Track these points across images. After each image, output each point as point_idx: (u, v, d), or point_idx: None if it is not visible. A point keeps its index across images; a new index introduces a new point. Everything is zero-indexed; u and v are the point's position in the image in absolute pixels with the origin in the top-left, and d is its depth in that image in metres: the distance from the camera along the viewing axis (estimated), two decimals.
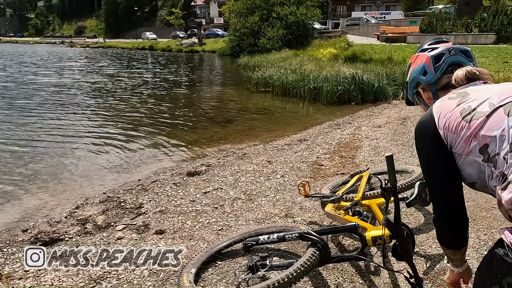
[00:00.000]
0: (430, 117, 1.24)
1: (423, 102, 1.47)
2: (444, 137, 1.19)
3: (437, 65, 1.37)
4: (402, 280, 2.18)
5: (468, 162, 1.14)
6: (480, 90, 1.21)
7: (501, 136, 1.04)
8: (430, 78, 1.38)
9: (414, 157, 4.44)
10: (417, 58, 1.45)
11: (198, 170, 4.38)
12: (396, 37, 21.31)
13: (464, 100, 1.18)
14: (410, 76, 1.47)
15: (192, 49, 38.83)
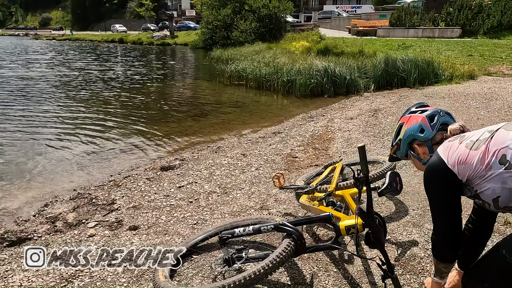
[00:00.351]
0: (439, 160, 1.44)
1: (416, 157, 1.67)
2: (457, 172, 1.38)
3: (432, 124, 1.61)
4: (375, 267, 2.25)
5: (489, 178, 1.31)
6: (472, 132, 1.46)
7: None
8: (428, 135, 1.60)
9: (385, 148, 4.55)
10: (411, 118, 1.67)
11: (172, 164, 4.32)
12: (367, 30, 21.67)
13: (464, 139, 1.42)
14: (405, 134, 1.66)
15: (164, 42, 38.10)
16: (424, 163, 1.61)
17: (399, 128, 1.71)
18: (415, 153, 1.66)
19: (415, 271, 2.25)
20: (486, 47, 13.14)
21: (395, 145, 1.74)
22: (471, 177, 1.36)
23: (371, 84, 9.40)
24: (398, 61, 9.42)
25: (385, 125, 5.54)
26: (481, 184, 1.34)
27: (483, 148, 1.33)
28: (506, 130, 1.34)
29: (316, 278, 2.23)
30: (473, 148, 1.36)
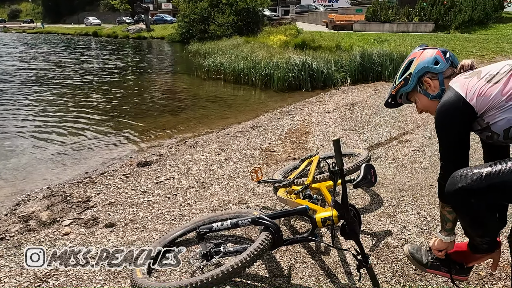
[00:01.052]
0: (456, 95, 1.43)
1: (423, 93, 1.64)
2: (475, 105, 1.39)
3: (446, 57, 1.60)
4: (350, 258, 2.30)
5: (507, 108, 1.34)
6: (488, 66, 1.45)
7: None
8: (443, 67, 1.58)
9: (361, 141, 4.64)
10: (424, 53, 1.63)
11: (149, 160, 4.28)
12: (343, 24, 21.90)
13: (482, 75, 1.42)
14: (417, 67, 1.61)
15: (140, 36, 37.34)
16: (433, 97, 1.61)
17: (409, 63, 1.67)
18: (423, 88, 1.63)
19: (389, 260, 2.32)
20: (457, 41, 13.51)
21: (401, 81, 1.68)
22: (487, 109, 1.38)
23: (347, 78, 9.53)
24: (373, 55, 9.58)
25: (361, 119, 5.63)
26: (497, 115, 1.37)
27: (504, 80, 1.36)
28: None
29: (294, 269, 2.27)
30: (494, 81, 1.38)
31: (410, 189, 3.28)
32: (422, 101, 1.67)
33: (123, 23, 49.61)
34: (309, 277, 2.20)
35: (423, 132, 4.85)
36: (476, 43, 13.00)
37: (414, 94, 1.68)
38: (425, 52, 1.64)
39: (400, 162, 3.89)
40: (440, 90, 1.58)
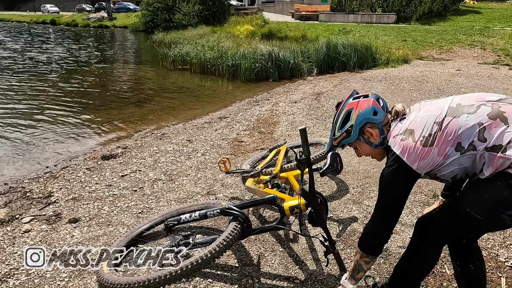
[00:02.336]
0: (400, 163, 1.49)
1: (366, 142, 1.69)
2: (416, 168, 1.47)
3: (381, 106, 1.66)
4: (318, 244, 2.35)
5: (448, 164, 1.44)
6: (417, 123, 1.50)
7: (467, 130, 1.38)
8: (382, 116, 1.64)
9: (327, 130, 4.72)
10: (360, 103, 1.67)
11: (114, 153, 4.16)
12: (309, 15, 22.07)
13: (416, 137, 1.47)
14: (357, 119, 1.65)
15: (101, 24, 35.90)
16: (376, 145, 1.66)
17: (346, 115, 1.69)
18: (365, 138, 1.68)
19: (355, 245, 2.39)
20: (418, 32, 13.96)
21: (344, 132, 1.70)
22: (431, 169, 1.48)
23: (314, 68, 9.63)
24: (339, 46, 9.72)
25: (327, 108, 5.72)
26: (442, 170, 1.48)
27: (436, 142, 1.42)
28: (454, 118, 1.42)
29: (263, 258, 2.29)
30: (429, 144, 1.44)
31: (375, 176, 3.38)
32: (364, 149, 1.73)
33: (83, 11, 47.54)
34: (278, 264, 2.23)
35: None
36: (435, 34, 13.47)
37: (356, 143, 1.73)
38: (361, 102, 1.66)
39: None
40: (382, 138, 1.64)
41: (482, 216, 1.38)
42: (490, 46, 10.98)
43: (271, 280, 2.11)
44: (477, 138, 1.38)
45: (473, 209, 1.40)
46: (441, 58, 10.04)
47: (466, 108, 1.43)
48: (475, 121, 1.39)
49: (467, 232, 1.57)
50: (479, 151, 1.38)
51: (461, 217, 1.46)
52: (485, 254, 2.32)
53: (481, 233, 1.57)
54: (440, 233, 1.56)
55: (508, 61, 8.97)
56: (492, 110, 1.39)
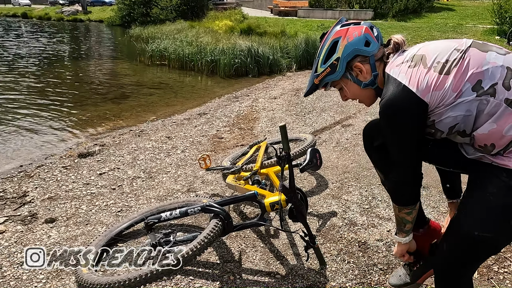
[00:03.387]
0: (406, 92, 1.21)
1: (354, 80, 1.39)
2: (429, 101, 1.19)
3: (375, 35, 1.36)
4: (298, 239, 2.38)
5: (455, 105, 1.17)
6: (430, 48, 1.25)
7: (494, 68, 1.13)
8: (375, 48, 1.35)
9: (306, 125, 4.77)
10: (349, 31, 1.35)
11: (91, 150, 4.08)
12: (288, 11, 22.11)
13: (429, 63, 1.20)
14: (345, 50, 1.34)
15: (76, 18, 34.91)
16: (365, 85, 1.38)
17: (332, 45, 1.37)
18: (354, 74, 1.38)
19: (335, 240, 2.44)
20: (395, 29, 14.21)
21: (328, 67, 1.39)
22: (437, 105, 1.20)
23: (293, 64, 9.69)
24: (317, 42, 9.76)
25: (307, 104, 5.77)
26: (444, 112, 1.20)
27: (454, 72, 1.16)
28: (480, 51, 1.17)
29: (244, 254, 2.31)
30: (445, 72, 1.17)
31: (353, 171, 3.44)
32: (352, 89, 1.43)
33: (56, 4, 46.10)
34: (260, 260, 2.25)
35: (364, 116, 5.08)
36: (411, 31, 13.75)
37: (341, 82, 1.42)
38: (351, 30, 1.35)
39: (344, 146, 4.06)
40: (373, 76, 1.36)
41: (493, 233, 1.19)
42: None
43: (252, 276, 2.12)
44: (502, 82, 1.12)
45: (480, 229, 1.19)
46: None
47: (495, 47, 1.19)
48: (504, 62, 1.14)
49: (484, 257, 1.35)
50: (497, 99, 1.12)
51: (476, 245, 1.23)
52: None
53: (493, 252, 1.33)
54: (464, 277, 1.34)
55: None
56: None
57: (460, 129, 1.22)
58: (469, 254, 1.28)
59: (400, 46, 1.35)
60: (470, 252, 1.27)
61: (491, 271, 2.18)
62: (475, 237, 1.20)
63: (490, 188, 1.19)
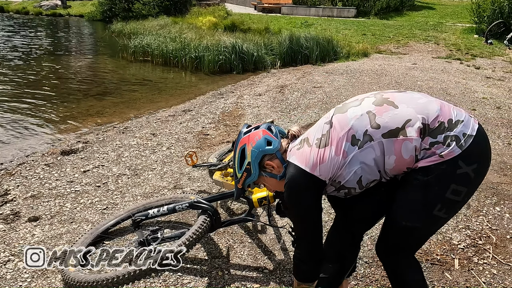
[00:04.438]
0: (298, 171, 1.40)
1: (270, 175, 1.56)
2: (319, 174, 1.37)
3: (274, 133, 1.57)
4: (285, 234, 2.41)
5: (348, 163, 1.35)
6: (311, 130, 1.48)
7: (358, 120, 1.33)
8: (277, 145, 1.54)
9: (292, 122, 4.80)
10: (251, 137, 1.56)
11: (74, 148, 4.01)
12: (272, 7, 22.10)
13: (311, 141, 1.42)
14: (253, 154, 1.53)
15: (55, 13, 33.97)
16: (281, 177, 1.55)
17: (241, 153, 1.58)
18: (268, 171, 1.56)
19: None
20: (377, 27, 14.39)
21: (243, 173, 1.58)
22: (333, 173, 1.38)
23: (277, 61, 9.70)
24: (301, 39, 9.83)
25: (291, 101, 5.81)
26: (343, 173, 1.37)
27: (332, 140, 1.35)
28: (342, 113, 1.38)
29: (232, 250, 2.32)
30: (324, 145, 1.37)
31: None
32: (271, 183, 1.61)
33: None
34: (247, 255, 2.27)
35: None
36: (393, 29, 13.94)
37: (260, 180, 1.61)
38: (252, 135, 1.56)
39: None
40: (284, 167, 1.54)
41: (419, 223, 1.36)
42: (443, 41, 11.53)
43: (240, 271, 2.14)
44: (370, 126, 1.31)
45: (408, 219, 1.36)
46: (398, 52, 10.42)
47: (351, 103, 1.41)
48: (362, 111, 1.34)
49: (419, 242, 1.49)
50: (376, 140, 1.30)
51: (406, 233, 1.40)
52: (440, 237, 2.48)
53: (429, 236, 1.50)
54: (402, 259, 1.48)
55: (459, 56, 9.47)
56: (375, 99, 1.37)
57: (368, 179, 1.39)
58: (402, 240, 1.44)
59: (296, 136, 1.57)
60: (403, 238, 1.43)
61: (471, 262, 2.26)
62: (404, 226, 1.38)
63: (410, 186, 1.35)
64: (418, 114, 1.29)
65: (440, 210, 1.32)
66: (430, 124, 1.28)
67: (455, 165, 1.26)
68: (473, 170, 1.27)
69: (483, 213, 2.79)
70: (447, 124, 1.28)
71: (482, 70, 7.99)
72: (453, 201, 1.31)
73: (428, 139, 1.28)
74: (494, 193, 3.08)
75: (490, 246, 2.41)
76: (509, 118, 5.02)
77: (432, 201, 1.31)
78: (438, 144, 1.27)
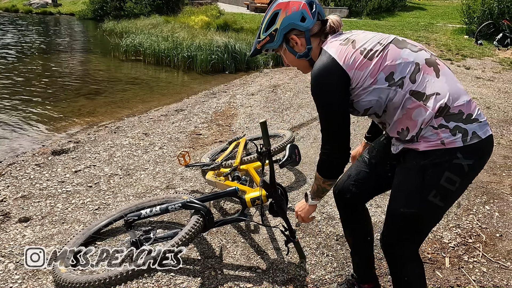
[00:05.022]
0: (332, 61, 1.36)
1: (290, 50, 1.52)
2: (351, 76, 1.35)
3: (312, 11, 1.46)
4: (279, 234, 2.42)
5: (370, 91, 1.35)
6: (360, 37, 1.42)
7: (405, 64, 1.33)
8: (310, 24, 1.46)
9: (284, 122, 4.81)
10: (289, 4, 1.45)
11: (66, 147, 3.97)
12: (264, 7, 22.08)
13: (357, 46, 1.37)
14: (283, 23, 1.46)
15: (45, 11, 33.58)
16: (300, 56, 1.51)
17: (273, 16, 1.49)
18: (290, 45, 1.51)
19: (313, 234, 2.48)
20: (369, 27, 14.46)
21: (267, 36, 1.53)
22: (357, 85, 1.36)
23: (270, 60, 9.71)
24: None
25: (284, 100, 5.82)
26: (362, 95, 1.38)
27: (375, 60, 1.34)
28: (397, 47, 1.37)
29: (225, 250, 2.32)
30: (368, 57, 1.34)
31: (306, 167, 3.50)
32: (289, 58, 1.57)
33: None
34: (240, 255, 2.27)
35: None
36: (384, 29, 14.03)
37: (280, 50, 1.56)
38: (291, 4, 1.45)
39: None
40: (307, 49, 1.49)
41: (416, 208, 1.38)
42: (434, 41, 11.63)
43: (233, 271, 2.14)
44: (409, 77, 1.32)
45: (405, 206, 1.39)
46: None
47: (410, 46, 1.39)
48: (414, 59, 1.34)
49: (419, 232, 1.47)
50: (404, 90, 1.32)
51: (405, 221, 1.42)
52: (431, 236, 2.50)
53: (428, 227, 1.48)
54: (403, 250, 1.49)
55: (450, 56, 9.56)
56: (430, 58, 1.37)
57: (373, 112, 1.43)
58: (402, 228, 1.45)
59: (336, 27, 1.49)
60: (402, 227, 1.45)
61: (461, 260, 2.28)
62: (401, 213, 1.40)
63: (407, 171, 1.39)
64: (449, 93, 1.30)
65: (435, 196, 1.34)
66: (451, 108, 1.29)
67: (452, 155, 1.29)
68: (468, 165, 1.30)
69: (473, 212, 2.82)
70: (465, 116, 1.29)
71: (472, 71, 8.08)
72: (448, 190, 1.33)
73: (440, 120, 1.29)
74: (484, 192, 3.12)
75: (480, 245, 2.44)
76: (499, 118, 5.09)
77: (427, 186, 1.34)
78: (446, 129, 1.29)
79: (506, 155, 3.90)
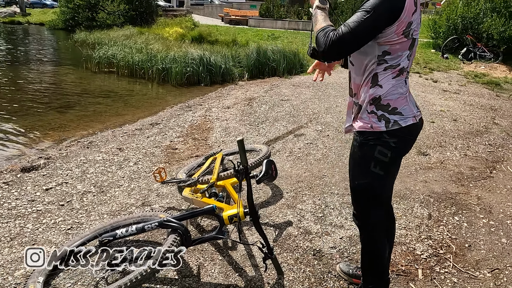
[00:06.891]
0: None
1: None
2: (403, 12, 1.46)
3: None
4: (256, 250, 2.42)
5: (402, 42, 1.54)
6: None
7: (417, 25, 1.57)
8: None
9: (260, 135, 4.85)
10: None
11: (36, 164, 3.85)
12: (239, 19, 22.33)
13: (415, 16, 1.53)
14: None
15: (13, 20, 32.59)
16: None
17: None
18: None
19: (291, 249, 2.51)
20: None
21: None
22: (396, 24, 1.48)
23: (245, 73, 9.78)
24: (268, 51, 9.98)
25: (260, 114, 5.87)
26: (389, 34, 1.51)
27: (405, 39, 1.54)
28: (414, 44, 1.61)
29: (203, 268, 2.30)
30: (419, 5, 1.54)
31: (306, 180, 3.56)
32: None
33: None
34: (218, 273, 2.26)
35: (315, 125, 5.27)
36: None
37: None
38: None
39: (296, 155, 4.18)
40: None
41: (364, 179, 1.70)
42: None
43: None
44: (398, 63, 1.59)
45: (357, 179, 1.74)
46: None
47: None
48: (409, 63, 1.65)
49: (376, 199, 1.77)
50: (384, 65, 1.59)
51: (361, 192, 1.76)
52: (404, 248, 2.57)
53: (382, 189, 1.76)
54: (369, 215, 1.81)
55: (418, 69, 9.94)
56: (408, 68, 1.67)
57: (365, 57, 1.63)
58: (362, 196, 1.79)
59: None
60: (361, 195, 1.79)
61: (433, 272, 2.36)
62: (357, 185, 1.76)
63: (352, 148, 1.75)
64: (387, 91, 1.61)
65: (375, 167, 1.65)
66: (382, 100, 1.61)
67: (380, 135, 1.62)
68: (393, 142, 1.62)
69: (443, 223, 2.93)
70: (391, 109, 1.61)
71: (440, 84, 8.42)
72: (382, 161, 1.64)
73: (373, 107, 1.63)
74: (453, 203, 3.24)
75: (450, 255, 2.53)
76: (465, 130, 5.32)
77: (367, 158, 1.66)
78: (375, 115, 1.62)
79: (473, 166, 4.07)
